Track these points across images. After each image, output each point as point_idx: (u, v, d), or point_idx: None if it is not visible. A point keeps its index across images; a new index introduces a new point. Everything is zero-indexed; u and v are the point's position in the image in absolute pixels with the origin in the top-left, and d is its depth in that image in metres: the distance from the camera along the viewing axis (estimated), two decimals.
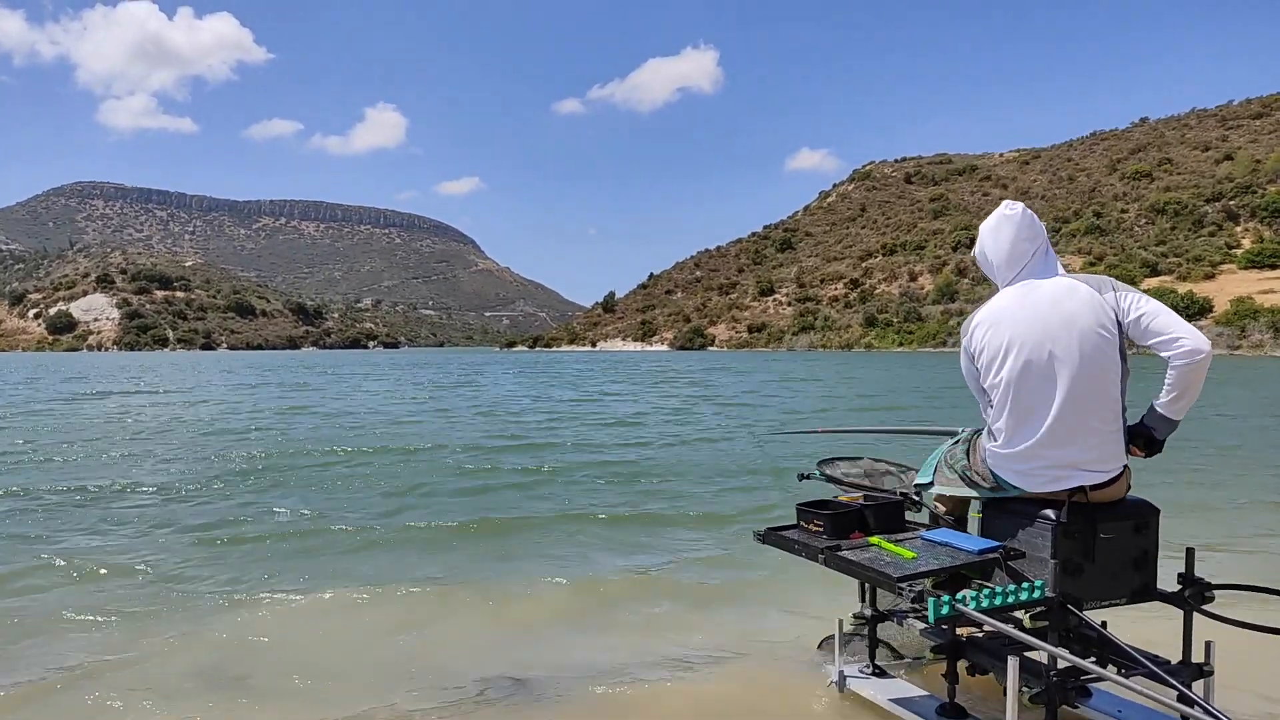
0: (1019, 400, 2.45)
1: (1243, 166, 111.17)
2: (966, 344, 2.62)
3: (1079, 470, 2.41)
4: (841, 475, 3.31)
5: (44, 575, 4.76)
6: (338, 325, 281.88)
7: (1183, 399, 2.36)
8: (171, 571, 4.87)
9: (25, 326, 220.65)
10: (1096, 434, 2.40)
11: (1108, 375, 2.40)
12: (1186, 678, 2.37)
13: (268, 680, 3.28)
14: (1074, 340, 2.39)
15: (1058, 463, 2.42)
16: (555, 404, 19.87)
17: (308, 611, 4.18)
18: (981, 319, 2.57)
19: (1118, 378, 2.42)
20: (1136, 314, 2.38)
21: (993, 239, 2.62)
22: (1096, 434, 2.40)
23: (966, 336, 2.62)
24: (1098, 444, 2.41)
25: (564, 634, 3.84)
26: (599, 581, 4.68)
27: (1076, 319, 2.40)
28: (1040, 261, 2.56)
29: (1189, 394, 2.35)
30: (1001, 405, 2.49)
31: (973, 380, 2.65)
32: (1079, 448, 2.40)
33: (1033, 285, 2.51)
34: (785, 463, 9.01)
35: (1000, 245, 2.59)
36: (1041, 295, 2.47)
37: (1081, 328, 2.39)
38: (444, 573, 4.89)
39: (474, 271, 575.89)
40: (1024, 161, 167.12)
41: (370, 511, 6.65)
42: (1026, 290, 2.51)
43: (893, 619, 2.90)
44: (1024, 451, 2.45)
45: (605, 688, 3.18)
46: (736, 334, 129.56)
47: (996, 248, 2.60)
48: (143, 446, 11.08)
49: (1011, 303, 2.52)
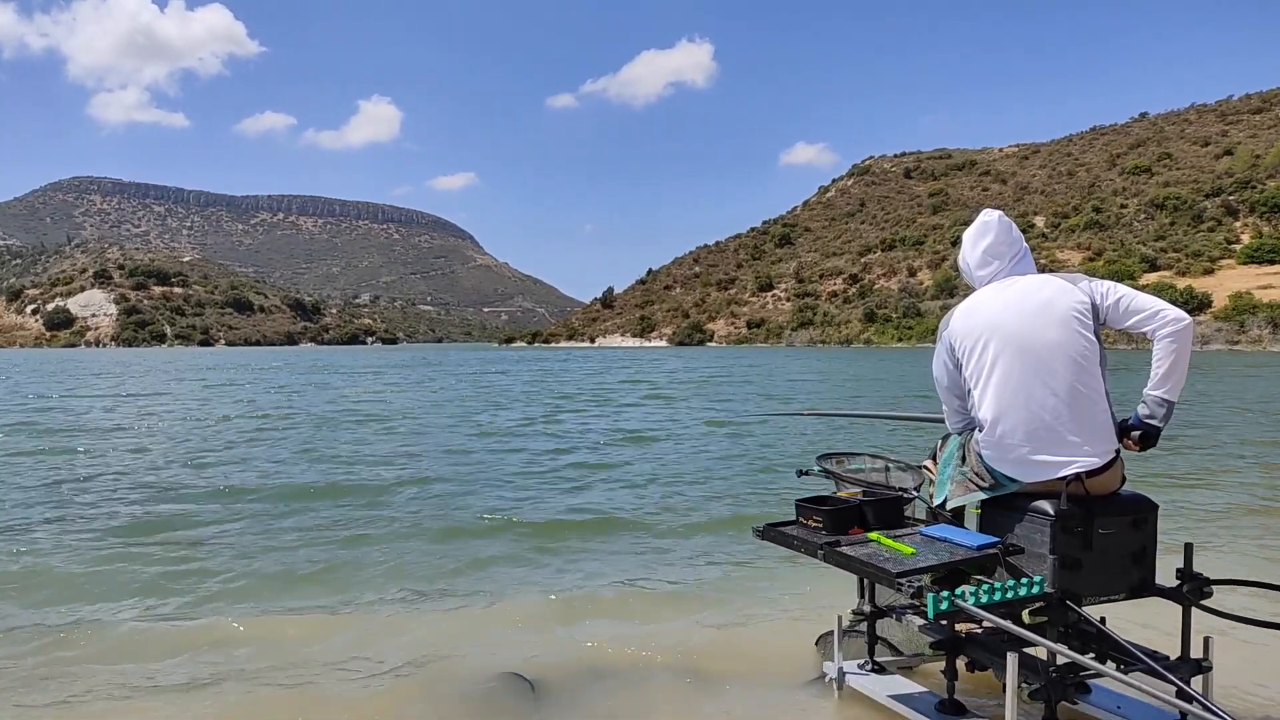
0: (1001, 385, 2.49)
1: (1242, 162, 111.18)
2: (945, 335, 2.68)
3: (1071, 456, 2.42)
4: (840, 471, 3.30)
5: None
6: (336, 321, 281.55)
7: (1173, 374, 2.39)
8: (136, 581, 4.86)
9: (23, 322, 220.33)
10: (1084, 417, 2.42)
11: (1088, 356, 2.44)
12: (1185, 673, 2.38)
13: (252, 685, 3.26)
14: (1051, 323, 2.45)
15: (1049, 447, 2.43)
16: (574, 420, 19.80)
17: (307, 610, 4.17)
18: (959, 310, 2.67)
19: (1097, 359, 2.46)
20: (1115, 296, 2.45)
21: (973, 245, 2.72)
22: (1084, 417, 2.42)
23: (945, 329, 2.68)
24: (1087, 427, 2.43)
25: (564, 634, 3.83)
26: (598, 582, 4.68)
27: (1052, 304, 2.48)
28: (1018, 263, 2.67)
29: (1179, 367, 2.38)
30: (983, 392, 2.54)
31: (948, 375, 2.69)
32: (1067, 430, 2.42)
33: (1009, 280, 2.62)
34: (784, 463, 9.01)
35: (979, 251, 2.69)
36: (1017, 287, 2.57)
37: (1058, 312, 2.46)
38: (441, 572, 4.89)
39: (472, 267, 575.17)
40: (1023, 156, 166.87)
41: (369, 511, 6.65)
42: (1003, 285, 2.62)
43: (892, 615, 2.90)
44: (1013, 438, 2.47)
45: (604, 688, 3.18)
46: (735, 329, 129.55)
47: (975, 253, 2.70)
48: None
49: (989, 295, 2.62)
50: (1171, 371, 2.39)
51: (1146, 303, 2.42)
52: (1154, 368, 2.41)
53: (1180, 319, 2.36)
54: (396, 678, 3.26)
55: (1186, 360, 2.39)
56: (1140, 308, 2.41)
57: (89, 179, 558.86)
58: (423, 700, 3.05)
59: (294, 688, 3.18)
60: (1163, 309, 2.38)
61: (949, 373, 2.68)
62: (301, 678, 3.27)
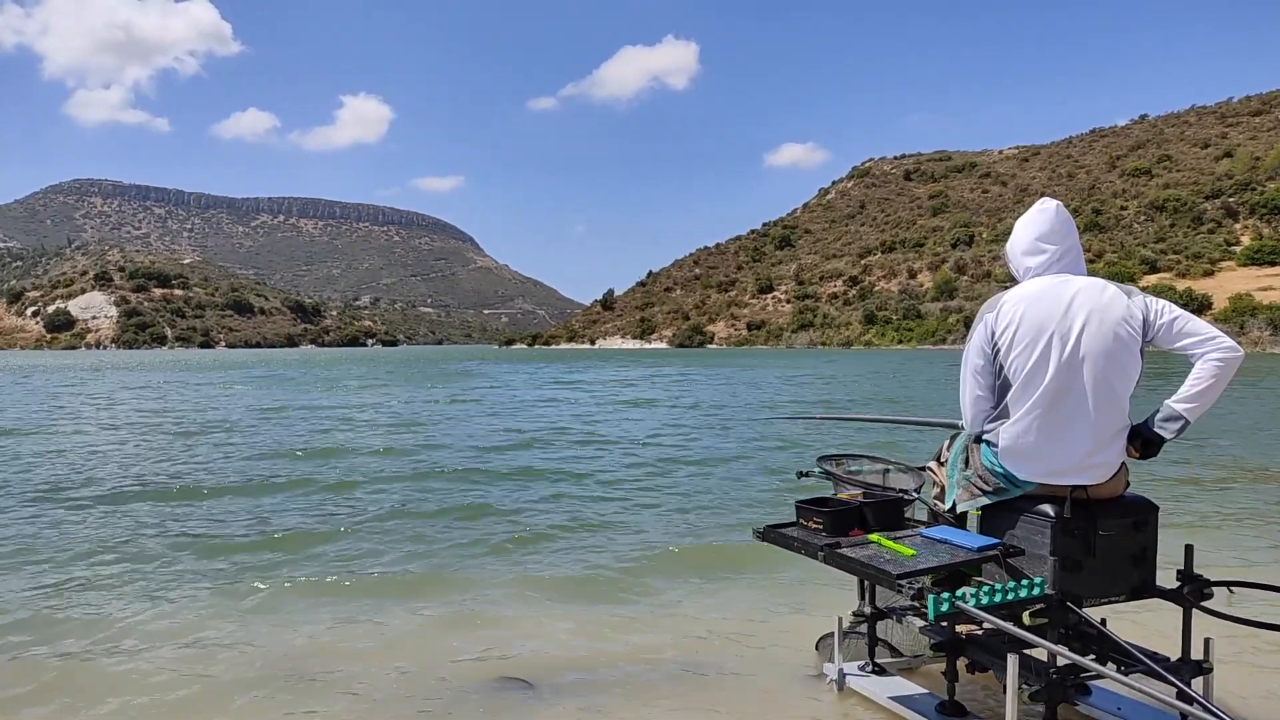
0: (1039, 386, 2.43)
1: (1242, 163, 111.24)
2: (991, 319, 2.53)
3: (1088, 464, 2.41)
4: (841, 472, 3.30)
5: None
6: (336, 323, 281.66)
7: (1205, 396, 2.35)
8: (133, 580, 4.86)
9: (23, 325, 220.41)
10: (1107, 430, 2.42)
11: (1128, 371, 2.42)
12: (1186, 675, 2.37)
13: (244, 689, 3.26)
14: (1102, 332, 2.40)
15: (1069, 454, 2.41)
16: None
17: (303, 610, 4.17)
18: (1012, 298, 2.54)
19: (1136, 375, 2.43)
20: (1170, 316, 2.41)
21: (1024, 232, 2.63)
22: (1107, 430, 2.42)
23: (992, 312, 2.54)
24: (1106, 439, 2.42)
25: (562, 634, 3.83)
26: (597, 582, 4.68)
27: (1107, 313, 2.42)
28: (1070, 260, 2.57)
29: (1213, 393, 2.35)
30: (1021, 389, 2.46)
31: (981, 359, 2.55)
32: (1090, 441, 2.41)
33: (1065, 278, 2.52)
34: (785, 464, 9.01)
35: (1031, 238, 2.60)
36: (1073, 287, 2.48)
37: (1111, 322, 2.41)
38: (439, 572, 4.89)
39: (473, 269, 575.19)
40: (1023, 159, 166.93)
41: (367, 511, 6.65)
42: (1058, 281, 2.52)
43: (892, 616, 2.90)
44: (1035, 439, 2.44)
45: (603, 688, 3.18)
46: (735, 331, 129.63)
47: (1026, 240, 2.61)
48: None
49: (1045, 288, 2.50)
50: (1205, 393, 2.35)
51: (1201, 328, 2.37)
52: (1188, 383, 2.37)
53: (1234, 349, 2.33)
54: (395, 678, 3.26)
55: (1222, 390, 2.35)
56: (1194, 332, 2.36)
57: (90, 181, 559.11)
58: (422, 700, 3.05)
59: (288, 689, 3.17)
60: (1218, 336, 2.35)
61: (985, 359, 2.54)
62: (296, 679, 3.26)
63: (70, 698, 3.12)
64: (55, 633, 3.80)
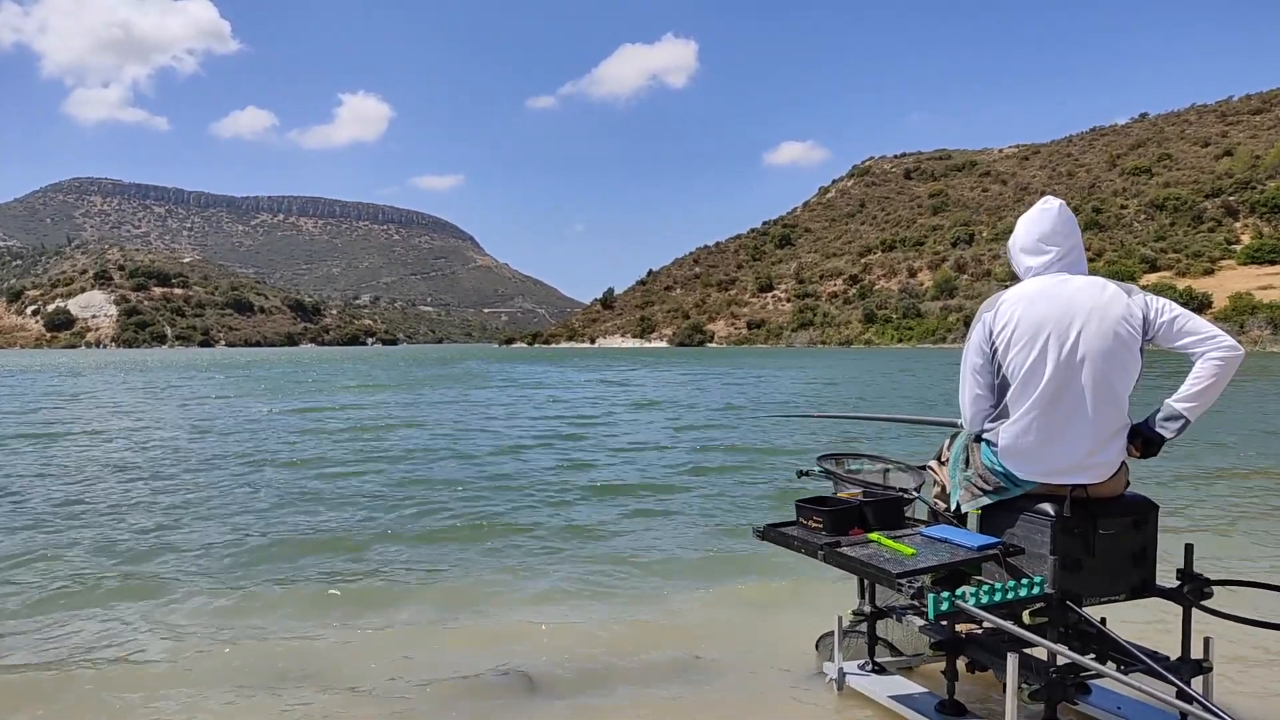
0: (1038, 386, 2.42)
1: (1242, 162, 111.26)
2: (989, 319, 2.53)
3: (1088, 463, 2.41)
4: (841, 471, 3.30)
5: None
6: (336, 322, 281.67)
7: (1205, 395, 2.35)
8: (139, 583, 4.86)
9: (23, 323, 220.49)
10: (1107, 430, 2.41)
11: (1128, 370, 2.42)
12: (1186, 674, 2.37)
13: (245, 691, 3.26)
14: (1102, 331, 2.40)
15: (1069, 453, 2.41)
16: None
17: (301, 609, 4.17)
18: (1010, 297, 2.54)
19: (1136, 374, 2.43)
20: (1171, 315, 2.40)
21: (1027, 230, 2.62)
22: (1107, 430, 2.41)
23: (991, 311, 2.54)
24: (1106, 439, 2.41)
25: (562, 634, 3.83)
26: (597, 582, 4.68)
27: (1107, 312, 2.41)
28: (1073, 260, 2.57)
29: (1213, 392, 2.35)
30: (1020, 389, 2.46)
31: (980, 358, 2.55)
32: (1090, 441, 2.41)
33: (1064, 278, 2.52)
34: (785, 464, 9.01)
35: (1033, 237, 2.59)
36: (1073, 286, 2.48)
37: (1110, 321, 2.40)
38: (438, 573, 4.89)
39: (473, 268, 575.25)
40: (1024, 157, 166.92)
41: (366, 510, 6.65)
42: (1057, 280, 2.51)
43: (892, 616, 2.90)
44: (1036, 439, 2.44)
45: (604, 686, 3.18)
46: (736, 330, 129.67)
47: (1029, 239, 2.60)
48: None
49: (1044, 287, 2.50)
50: (1205, 392, 2.35)
51: (1201, 326, 2.37)
52: (1188, 382, 2.36)
53: (1235, 347, 2.33)
54: (395, 678, 3.26)
55: (1222, 388, 2.35)
56: (1195, 330, 2.36)
57: (89, 180, 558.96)
58: (422, 700, 3.05)
59: (289, 690, 3.17)
60: (1218, 334, 2.34)
61: (984, 358, 2.54)
62: (298, 680, 3.26)
63: (60, 705, 3.11)
64: (47, 640, 3.80)
